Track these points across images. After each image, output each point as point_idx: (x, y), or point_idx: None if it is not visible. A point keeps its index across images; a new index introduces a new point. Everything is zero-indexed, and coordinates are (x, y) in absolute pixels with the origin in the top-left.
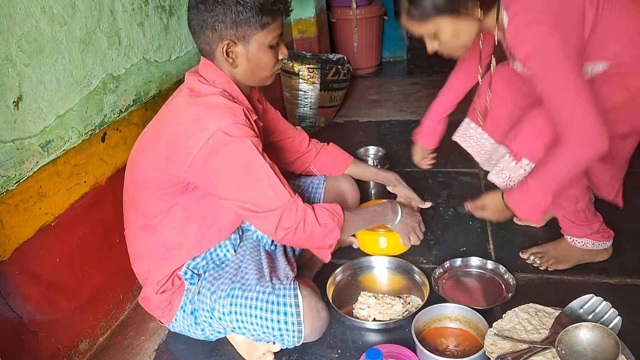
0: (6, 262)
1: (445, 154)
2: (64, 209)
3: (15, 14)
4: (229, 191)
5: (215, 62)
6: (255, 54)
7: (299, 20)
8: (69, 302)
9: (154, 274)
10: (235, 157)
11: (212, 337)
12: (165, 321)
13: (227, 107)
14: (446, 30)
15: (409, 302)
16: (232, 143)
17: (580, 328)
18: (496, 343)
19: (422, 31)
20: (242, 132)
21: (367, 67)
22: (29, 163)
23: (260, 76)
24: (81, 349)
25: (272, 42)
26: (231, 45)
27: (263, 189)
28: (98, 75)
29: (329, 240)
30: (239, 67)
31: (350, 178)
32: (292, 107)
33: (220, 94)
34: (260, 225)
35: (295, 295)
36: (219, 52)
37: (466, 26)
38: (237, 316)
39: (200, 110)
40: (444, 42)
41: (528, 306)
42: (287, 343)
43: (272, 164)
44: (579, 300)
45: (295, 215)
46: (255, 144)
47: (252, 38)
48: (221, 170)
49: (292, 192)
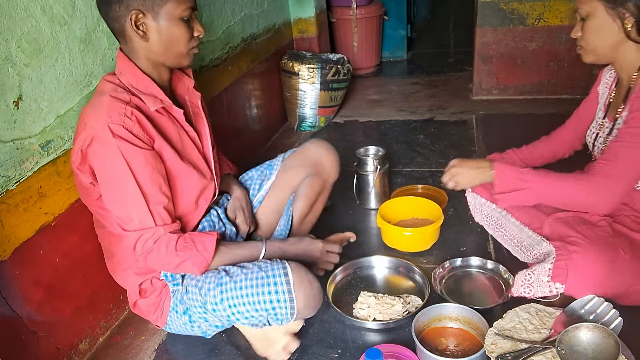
0: (6, 262)
1: (445, 153)
2: (64, 209)
3: (15, 14)
4: (103, 194)
5: (129, 42)
6: (166, 26)
7: (299, 20)
8: (69, 302)
9: (133, 278)
10: (99, 158)
11: (210, 331)
12: (160, 324)
13: (106, 105)
14: (596, 18)
15: (409, 302)
16: (99, 144)
17: (581, 328)
18: (496, 342)
19: (580, 7)
20: (110, 134)
21: (367, 67)
22: (29, 163)
23: (175, 52)
24: (81, 348)
25: (184, 15)
26: (140, 17)
27: (124, 207)
28: (98, 75)
29: (181, 270)
30: (152, 42)
31: (326, 144)
32: (292, 107)
33: (112, 90)
34: (124, 240)
35: (284, 267)
36: (128, 27)
37: (610, 27)
38: (228, 302)
39: (88, 111)
40: (587, 30)
41: (529, 306)
42: (282, 317)
43: (153, 180)
44: (580, 300)
45: (151, 243)
46: (123, 151)
47: (161, 9)
48: (95, 169)
49: (157, 220)
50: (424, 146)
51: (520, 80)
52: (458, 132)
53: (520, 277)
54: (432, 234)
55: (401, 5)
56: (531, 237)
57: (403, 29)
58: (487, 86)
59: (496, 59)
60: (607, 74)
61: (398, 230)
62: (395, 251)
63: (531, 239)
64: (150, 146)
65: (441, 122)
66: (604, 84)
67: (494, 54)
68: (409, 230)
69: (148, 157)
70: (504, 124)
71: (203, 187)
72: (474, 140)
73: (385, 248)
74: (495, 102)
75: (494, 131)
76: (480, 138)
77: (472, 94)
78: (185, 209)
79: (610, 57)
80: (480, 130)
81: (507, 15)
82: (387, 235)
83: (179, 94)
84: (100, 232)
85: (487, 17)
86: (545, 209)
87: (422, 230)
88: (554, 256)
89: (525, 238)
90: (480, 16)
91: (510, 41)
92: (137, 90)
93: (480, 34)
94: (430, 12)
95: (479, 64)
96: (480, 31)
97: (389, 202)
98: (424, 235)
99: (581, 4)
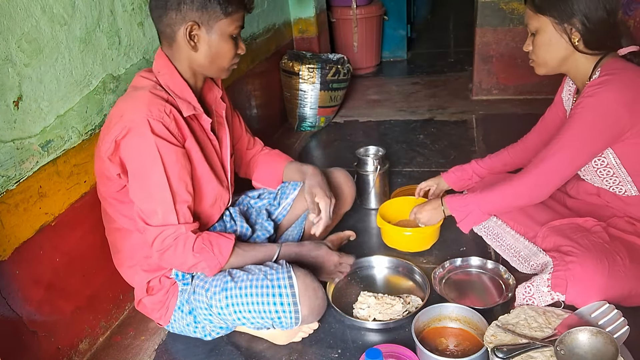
0: (6, 262)
1: (445, 153)
2: (64, 209)
3: (15, 14)
4: (130, 186)
5: (175, 47)
6: (216, 41)
7: (299, 20)
8: (69, 302)
9: (141, 275)
10: (134, 151)
11: (214, 334)
12: (163, 322)
13: (147, 100)
14: (544, 33)
15: (409, 302)
16: (136, 136)
17: (584, 331)
18: (497, 335)
19: (529, 23)
20: (148, 128)
21: (367, 67)
22: (29, 163)
23: (219, 65)
24: (81, 348)
25: (234, 33)
26: (195, 28)
27: (151, 200)
28: (98, 75)
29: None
30: (199, 52)
31: (344, 171)
32: (292, 107)
33: (152, 87)
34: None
35: (289, 276)
36: (180, 34)
37: (559, 42)
38: (234, 307)
39: (125, 104)
40: (537, 45)
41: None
42: (286, 325)
43: (180, 178)
44: (591, 305)
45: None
46: (158, 146)
47: (215, 24)
48: (126, 161)
49: (180, 218)
50: (424, 146)
51: (520, 80)
52: (458, 132)
53: (521, 290)
54: (432, 234)
55: (401, 5)
56: (528, 247)
57: (403, 29)
58: (487, 86)
59: (496, 59)
60: (570, 81)
61: (398, 230)
62: (395, 251)
63: (528, 250)
64: (182, 145)
65: (441, 122)
66: (567, 91)
67: (494, 54)
68: (409, 230)
69: (179, 155)
70: (504, 124)
71: (219, 194)
72: (473, 140)
73: (385, 248)
74: (495, 102)
75: (494, 131)
76: (480, 138)
77: (472, 94)
78: (202, 211)
79: (562, 68)
80: (480, 130)
81: (507, 15)
82: (387, 235)
83: (207, 102)
84: (107, 227)
85: (487, 17)
86: (538, 217)
87: (422, 230)
88: (552, 267)
89: (522, 248)
90: (480, 16)
91: (510, 41)
92: (173, 93)
93: (480, 34)
94: (430, 12)
95: (479, 64)
96: (480, 31)
97: (389, 202)
98: (423, 235)
99: (531, 19)
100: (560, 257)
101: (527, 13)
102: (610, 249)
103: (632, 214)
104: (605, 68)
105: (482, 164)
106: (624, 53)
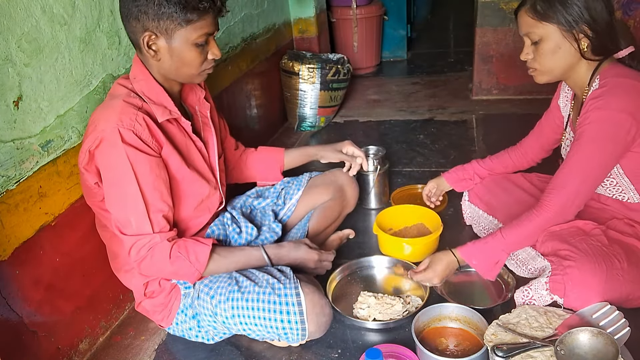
0: (6, 262)
1: (445, 153)
2: (64, 209)
3: (15, 14)
4: (106, 195)
5: (143, 54)
6: (178, 50)
7: (299, 20)
8: (69, 302)
9: (138, 279)
10: (106, 160)
11: (217, 338)
12: (165, 324)
13: (119, 109)
14: (550, 41)
15: (409, 302)
16: (108, 146)
17: (584, 332)
18: (497, 333)
19: (531, 31)
20: (119, 137)
21: (367, 67)
22: (29, 163)
23: (186, 73)
24: (81, 348)
25: (199, 40)
26: (152, 38)
27: (124, 210)
28: (98, 75)
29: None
30: (162, 61)
31: (351, 176)
32: (292, 107)
33: (125, 95)
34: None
35: (297, 294)
36: (141, 44)
37: (566, 49)
38: (239, 318)
39: (99, 114)
40: (541, 53)
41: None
42: (292, 341)
43: (155, 188)
44: (593, 306)
45: (146, 250)
46: (129, 155)
47: (175, 33)
48: (101, 171)
49: (155, 227)
50: (424, 146)
51: (520, 80)
52: (458, 132)
53: (519, 294)
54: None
55: (401, 5)
56: (526, 251)
57: (403, 29)
58: (487, 86)
59: (496, 59)
60: (566, 87)
61: (395, 241)
62: None
63: (526, 253)
64: (157, 153)
65: (441, 122)
66: (563, 97)
67: (494, 54)
68: (406, 241)
69: (153, 164)
70: (504, 124)
71: (206, 194)
72: (473, 140)
73: None
74: (495, 102)
75: (494, 131)
76: (480, 138)
77: (472, 94)
78: (186, 214)
79: (564, 76)
80: (480, 130)
81: (507, 15)
82: (384, 245)
83: (189, 104)
84: (103, 233)
85: (487, 17)
86: None
87: (418, 241)
88: (550, 270)
89: (520, 252)
90: (480, 16)
91: (510, 41)
92: (148, 99)
93: (480, 34)
94: (430, 12)
95: (479, 64)
96: (480, 31)
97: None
98: (420, 247)
99: (533, 28)
100: (558, 261)
101: (524, 22)
102: (608, 253)
103: (633, 217)
104: (604, 75)
105: (483, 165)
106: (622, 55)
